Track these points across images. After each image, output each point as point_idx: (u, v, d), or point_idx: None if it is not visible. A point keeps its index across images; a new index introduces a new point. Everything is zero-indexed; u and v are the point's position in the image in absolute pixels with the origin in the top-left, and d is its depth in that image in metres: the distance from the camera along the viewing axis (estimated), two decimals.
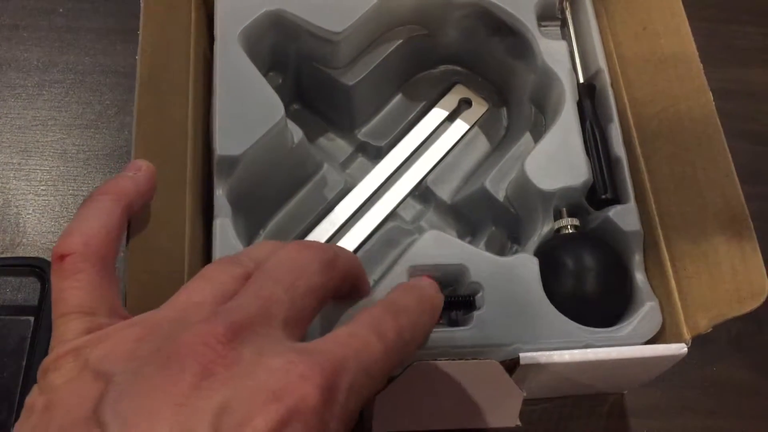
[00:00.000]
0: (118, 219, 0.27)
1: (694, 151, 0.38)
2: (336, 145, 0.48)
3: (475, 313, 0.36)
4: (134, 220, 0.31)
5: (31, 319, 0.43)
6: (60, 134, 0.52)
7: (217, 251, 0.37)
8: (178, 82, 0.39)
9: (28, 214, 0.49)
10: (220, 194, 0.38)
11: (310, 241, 0.27)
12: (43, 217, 0.49)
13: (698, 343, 0.36)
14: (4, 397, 0.41)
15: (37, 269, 0.45)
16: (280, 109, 0.39)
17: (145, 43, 0.35)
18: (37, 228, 0.48)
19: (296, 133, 0.42)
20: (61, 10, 0.56)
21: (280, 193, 0.45)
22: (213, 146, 0.38)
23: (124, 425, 0.19)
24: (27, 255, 0.47)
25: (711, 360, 0.46)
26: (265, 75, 0.41)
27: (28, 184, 0.50)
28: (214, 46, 0.41)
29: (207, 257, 0.39)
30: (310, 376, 0.20)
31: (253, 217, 0.43)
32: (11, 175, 0.50)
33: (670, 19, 0.40)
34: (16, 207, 0.49)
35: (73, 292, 0.25)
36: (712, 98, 0.37)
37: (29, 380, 0.41)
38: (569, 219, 0.40)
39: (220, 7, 0.42)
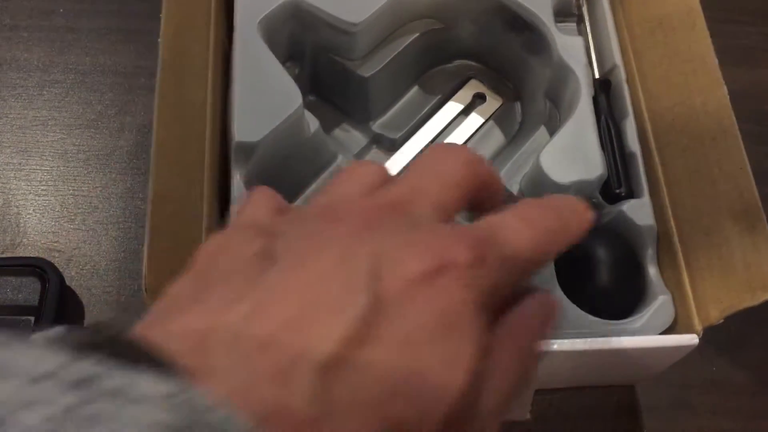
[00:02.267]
0: None
1: (708, 144, 0.38)
2: (351, 136, 0.48)
3: None
4: (156, 201, 0.31)
5: (31, 319, 0.43)
6: (60, 134, 0.51)
7: None
8: (198, 67, 0.39)
9: (29, 214, 0.49)
10: (237, 180, 0.39)
11: (455, 144, 0.27)
12: (43, 217, 0.49)
13: (698, 343, 0.36)
14: None
15: (37, 269, 0.44)
16: (298, 97, 0.40)
17: (167, 26, 0.36)
18: (37, 228, 0.48)
19: (313, 123, 0.42)
20: (61, 10, 0.56)
21: (295, 183, 0.45)
22: (231, 132, 0.39)
23: (292, 257, 0.20)
24: (27, 255, 0.47)
25: (711, 360, 0.46)
26: (282, 65, 0.42)
27: (29, 184, 0.50)
28: (234, 35, 0.42)
29: None
30: (461, 240, 0.21)
31: None
32: (11, 175, 0.50)
33: (686, 14, 0.41)
34: (17, 207, 0.49)
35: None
36: (726, 92, 0.38)
37: None
38: None
39: None
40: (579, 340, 0.35)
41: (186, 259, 0.34)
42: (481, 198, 0.26)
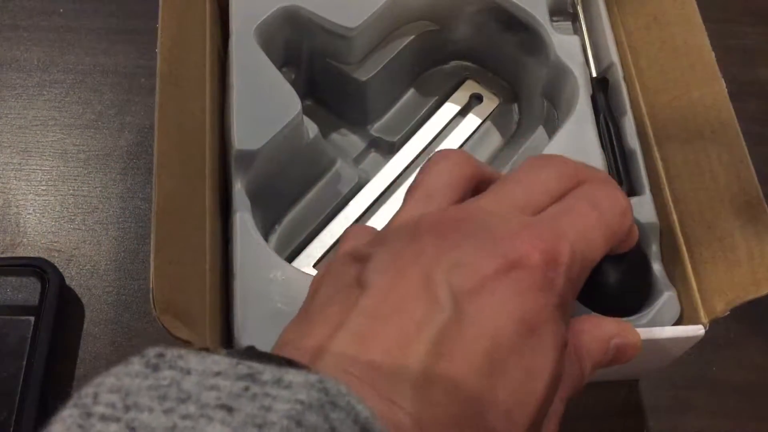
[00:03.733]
0: None
1: (707, 137, 0.38)
2: (349, 140, 0.48)
3: None
4: (160, 213, 0.31)
5: (31, 319, 0.43)
6: (60, 134, 0.52)
7: (238, 245, 0.37)
8: (196, 76, 0.39)
9: (29, 214, 0.49)
10: (239, 188, 0.39)
11: (551, 155, 0.29)
12: (43, 217, 0.49)
13: (698, 343, 0.36)
14: (4, 397, 0.40)
15: (37, 269, 0.44)
16: (297, 104, 0.40)
17: (164, 36, 0.36)
18: (37, 228, 0.48)
19: (311, 129, 0.42)
20: (61, 10, 0.56)
21: (295, 189, 0.45)
22: (231, 141, 0.39)
23: (379, 281, 0.22)
24: (27, 255, 0.47)
25: (711, 360, 0.46)
26: (278, 71, 0.42)
27: (29, 184, 0.50)
28: (230, 42, 0.42)
29: (225, 250, 0.39)
30: (531, 240, 0.22)
31: (268, 212, 0.43)
32: (11, 175, 0.50)
33: (681, 8, 0.41)
34: (17, 207, 0.49)
35: None
36: (724, 85, 0.38)
37: (29, 380, 0.41)
38: None
39: (235, 3, 0.42)
40: None
41: (192, 272, 0.34)
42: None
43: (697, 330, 0.35)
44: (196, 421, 0.16)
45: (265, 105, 0.39)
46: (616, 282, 0.39)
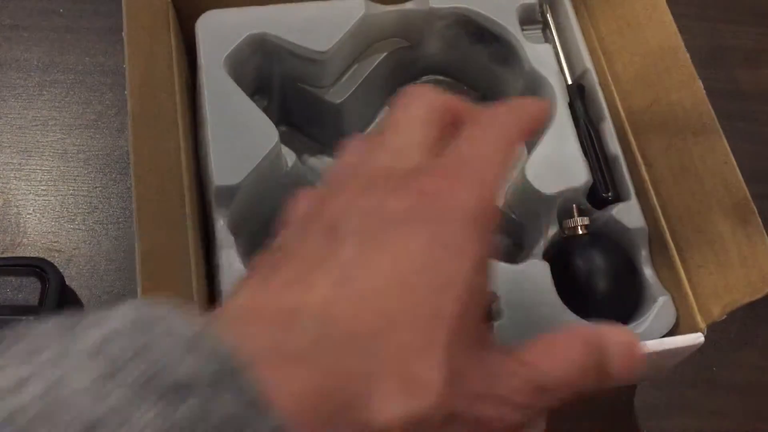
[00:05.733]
0: None
1: (689, 140, 0.38)
2: (327, 164, 0.47)
3: (496, 324, 0.36)
4: (144, 258, 0.30)
5: (32, 319, 0.42)
6: (60, 134, 0.51)
7: (225, 283, 0.36)
8: (168, 112, 0.38)
9: (29, 214, 0.48)
10: (222, 225, 0.38)
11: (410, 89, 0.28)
12: (43, 217, 0.48)
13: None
14: None
15: (37, 269, 0.44)
16: (274, 134, 0.39)
17: (132, 75, 0.35)
18: (37, 228, 0.48)
19: (290, 157, 0.41)
20: (61, 10, 0.56)
21: (275, 218, 0.44)
22: (210, 177, 0.38)
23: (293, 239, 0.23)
24: (27, 255, 0.46)
25: (711, 360, 0.46)
26: (251, 100, 0.41)
27: (29, 184, 0.49)
28: (199, 75, 0.41)
29: (211, 288, 0.38)
30: (436, 171, 0.23)
31: (251, 244, 0.42)
32: (11, 175, 0.49)
33: (652, 10, 0.41)
34: (17, 207, 0.48)
35: None
36: (702, 86, 0.38)
37: None
38: (580, 219, 0.40)
39: (202, 34, 0.41)
40: None
41: None
42: (458, 119, 0.27)
43: (696, 338, 0.35)
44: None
45: (241, 137, 0.38)
46: (605, 290, 0.38)
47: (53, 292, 0.43)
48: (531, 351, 0.23)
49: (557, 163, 0.40)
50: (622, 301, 0.39)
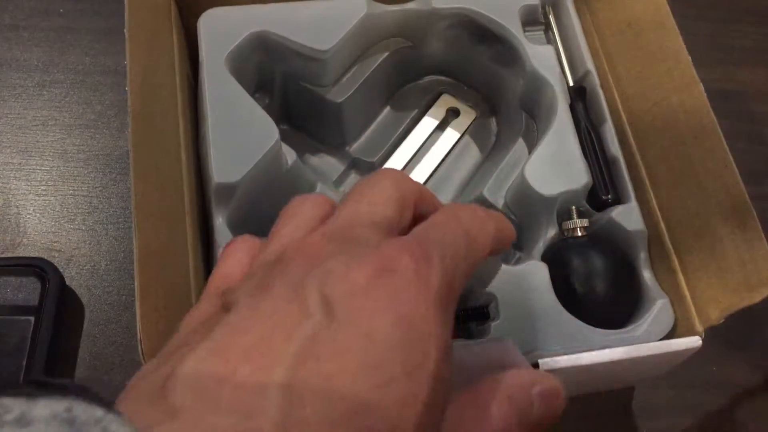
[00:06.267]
0: None
1: (690, 143, 0.38)
2: (328, 163, 0.48)
3: (493, 324, 0.36)
4: (142, 259, 0.30)
5: (31, 319, 0.43)
6: (60, 134, 0.51)
7: None
8: (168, 110, 0.38)
9: (29, 214, 0.48)
10: (220, 222, 0.38)
11: (380, 170, 0.28)
12: (43, 217, 0.48)
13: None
14: None
15: (37, 269, 0.44)
16: (274, 132, 0.39)
17: (133, 72, 0.35)
18: (37, 228, 0.48)
19: (290, 155, 0.41)
20: (61, 10, 0.56)
21: (275, 216, 0.44)
22: (209, 174, 0.38)
23: (245, 302, 0.21)
24: (27, 255, 0.47)
25: (711, 360, 0.46)
26: (252, 98, 0.41)
27: (29, 184, 0.49)
28: (201, 72, 0.40)
29: None
30: (403, 247, 0.22)
31: None
32: (11, 175, 0.50)
33: (654, 13, 0.41)
34: (17, 207, 0.48)
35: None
36: (703, 89, 0.38)
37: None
38: (579, 220, 0.40)
39: (204, 31, 0.41)
40: (584, 354, 0.34)
41: (178, 315, 0.33)
42: (421, 210, 0.27)
43: (694, 342, 0.35)
44: None
45: (241, 135, 0.38)
46: (603, 292, 0.38)
47: (53, 292, 0.43)
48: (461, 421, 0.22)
49: (557, 165, 0.40)
50: (620, 304, 0.39)
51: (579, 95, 0.43)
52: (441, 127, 0.49)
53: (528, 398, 0.24)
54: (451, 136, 0.48)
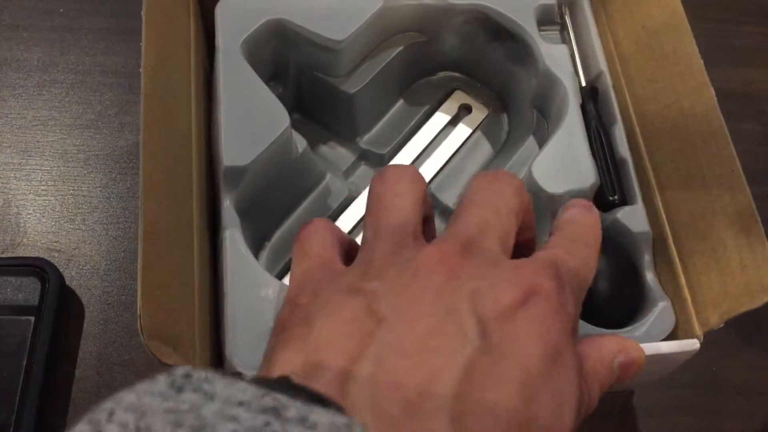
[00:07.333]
0: None
1: (698, 147, 0.38)
2: (338, 153, 0.48)
3: None
4: (147, 236, 0.30)
5: (31, 319, 0.43)
6: (60, 134, 0.51)
7: (228, 262, 0.36)
8: (181, 93, 0.39)
9: (29, 214, 0.49)
10: (228, 205, 0.38)
11: (499, 171, 0.29)
12: (43, 217, 0.48)
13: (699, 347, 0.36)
14: (4, 397, 0.40)
15: (38, 269, 0.44)
16: (285, 119, 0.39)
17: (148, 54, 0.35)
18: (37, 228, 0.48)
19: (300, 143, 0.42)
20: (61, 10, 0.56)
21: (284, 204, 0.44)
22: (219, 157, 0.38)
23: (398, 315, 0.22)
24: (27, 255, 0.47)
25: (711, 360, 0.46)
26: (266, 85, 0.41)
27: (29, 184, 0.50)
28: (216, 57, 0.41)
29: (214, 268, 0.39)
30: (539, 272, 0.23)
31: (258, 228, 0.43)
32: (11, 175, 0.50)
33: (669, 16, 0.41)
34: (17, 207, 0.49)
35: None
36: (714, 94, 0.38)
37: (29, 380, 0.41)
38: None
39: (221, 17, 0.42)
40: None
41: (180, 294, 0.33)
42: (527, 223, 0.28)
43: (692, 344, 0.35)
44: None
45: (253, 120, 0.39)
46: (606, 293, 0.39)
47: (53, 292, 0.43)
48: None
49: (565, 164, 0.40)
50: (623, 304, 0.39)
51: (591, 96, 0.43)
52: (452, 124, 0.49)
53: (610, 369, 0.26)
54: (462, 131, 0.49)
